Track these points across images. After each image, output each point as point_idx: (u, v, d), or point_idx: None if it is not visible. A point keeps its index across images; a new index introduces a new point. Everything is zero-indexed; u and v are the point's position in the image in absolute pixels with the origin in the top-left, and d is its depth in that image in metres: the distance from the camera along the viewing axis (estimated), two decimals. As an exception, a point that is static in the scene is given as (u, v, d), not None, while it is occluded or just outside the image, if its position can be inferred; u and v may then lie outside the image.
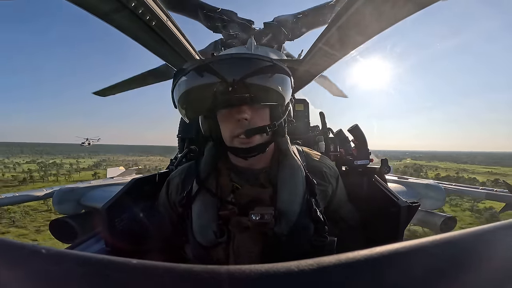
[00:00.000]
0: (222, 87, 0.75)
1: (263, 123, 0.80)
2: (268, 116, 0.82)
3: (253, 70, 0.77)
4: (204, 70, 0.77)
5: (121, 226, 0.99)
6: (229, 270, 0.21)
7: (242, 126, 0.77)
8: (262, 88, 0.78)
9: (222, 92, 0.76)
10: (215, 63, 0.77)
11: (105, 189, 2.91)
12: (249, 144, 0.79)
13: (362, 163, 1.33)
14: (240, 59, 0.78)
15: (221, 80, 0.75)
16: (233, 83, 0.74)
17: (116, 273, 0.21)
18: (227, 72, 0.75)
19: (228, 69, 0.76)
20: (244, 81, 0.75)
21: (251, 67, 0.78)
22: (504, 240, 0.26)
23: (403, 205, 0.91)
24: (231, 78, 0.74)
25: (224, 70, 0.76)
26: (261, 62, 0.79)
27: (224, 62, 0.78)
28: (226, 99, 0.76)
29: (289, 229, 0.77)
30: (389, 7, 1.01)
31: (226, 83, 0.75)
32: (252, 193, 0.83)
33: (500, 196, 3.21)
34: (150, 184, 1.19)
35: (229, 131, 0.80)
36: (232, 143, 0.81)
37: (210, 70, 0.76)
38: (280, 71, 0.82)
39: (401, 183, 3.01)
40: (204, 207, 0.82)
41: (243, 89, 0.75)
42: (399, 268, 0.22)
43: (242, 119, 0.75)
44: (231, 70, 0.76)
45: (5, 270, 0.22)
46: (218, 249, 0.79)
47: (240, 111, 0.76)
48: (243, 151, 0.81)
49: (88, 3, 1.08)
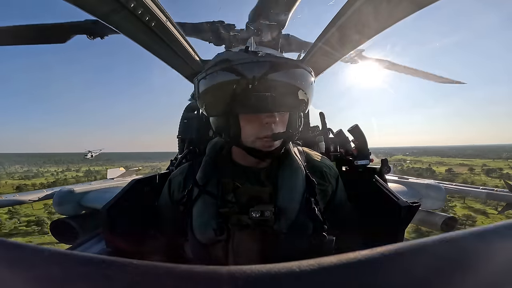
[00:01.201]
0: (251, 89, 0.75)
1: (283, 128, 0.82)
2: (287, 121, 0.85)
3: (289, 75, 0.79)
4: (228, 70, 0.77)
5: (121, 226, 0.99)
6: (230, 271, 0.21)
7: (269, 129, 0.78)
8: (293, 95, 0.81)
9: (257, 98, 0.75)
10: (245, 65, 0.76)
11: (106, 190, 2.91)
12: (271, 147, 0.81)
13: (362, 163, 1.33)
14: (270, 62, 0.77)
15: (247, 79, 0.75)
16: (262, 88, 0.75)
17: (117, 273, 0.21)
18: (250, 72, 0.75)
19: (253, 70, 0.76)
20: (280, 88, 0.76)
21: (294, 74, 0.80)
22: (505, 240, 0.26)
23: (403, 205, 0.91)
24: (254, 76, 0.75)
25: (248, 70, 0.75)
26: (295, 68, 0.82)
27: (257, 65, 0.76)
28: (264, 105, 0.75)
29: (288, 227, 0.77)
30: (389, 6, 1.01)
31: (254, 85, 0.75)
32: (252, 192, 0.83)
33: (500, 196, 3.21)
34: (151, 185, 1.19)
35: (254, 132, 0.79)
36: (253, 144, 0.81)
37: (240, 70, 0.76)
38: (307, 75, 0.84)
39: (402, 183, 3.00)
40: (205, 205, 0.83)
41: (278, 95, 0.76)
42: (400, 268, 0.22)
43: (271, 122, 0.77)
44: (258, 71, 0.75)
45: (5, 271, 0.22)
46: (218, 247, 0.79)
47: (271, 115, 0.77)
48: (263, 153, 0.82)
49: (87, 4, 1.08)
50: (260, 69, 0.75)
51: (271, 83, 0.76)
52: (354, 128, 1.43)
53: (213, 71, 0.79)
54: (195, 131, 1.60)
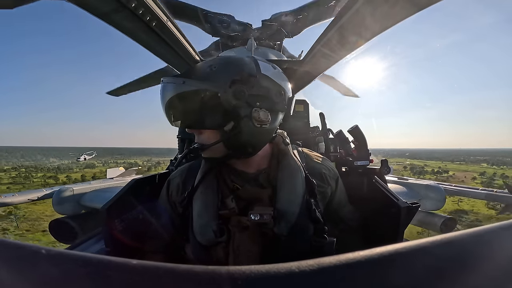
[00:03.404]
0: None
1: (212, 139, 0.80)
2: (211, 133, 0.82)
3: (175, 95, 0.80)
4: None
5: (121, 226, 0.99)
6: (229, 271, 0.21)
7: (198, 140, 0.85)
8: (188, 114, 0.83)
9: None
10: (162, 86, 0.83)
11: (105, 189, 2.90)
12: (206, 156, 0.86)
13: (362, 164, 1.34)
14: (167, 84, 0.82)
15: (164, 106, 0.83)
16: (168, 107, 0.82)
17: (116, 273, 0.21)
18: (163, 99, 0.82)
19: (162, 92, 0.83)
20: (172, 106, 0.82)
21: (174, 92, 0.80)
22: (504, 240, 0.26)
23: (403, 206, 0.91)
24: (166, 102, 0.81)
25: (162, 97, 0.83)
26: (181, 87, 0.78)
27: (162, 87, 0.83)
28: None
29: (288, 230, 0.77)
30: (389, 7, 1.01)
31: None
32: (252, 193, 0.83)
33: (499, 197, 3.21)
34: (150, 184, 1.20)
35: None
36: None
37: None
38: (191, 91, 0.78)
39: (401, 184, 3.00)
40: (205, 207, 0.82)
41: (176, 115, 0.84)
42: (399, 268, 0.22)
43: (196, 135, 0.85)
44: (163, 95, 0.82)
45: (5, 270, 0.22)
46: (218, 248, 0.79)
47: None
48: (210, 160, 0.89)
49: (88, 3, 1.08)
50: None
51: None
52: (354, 129, 1.43)
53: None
54: None
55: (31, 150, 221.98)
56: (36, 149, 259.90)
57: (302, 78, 1.87)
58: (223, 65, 0.78)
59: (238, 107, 0.76)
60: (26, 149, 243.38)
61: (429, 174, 76.13)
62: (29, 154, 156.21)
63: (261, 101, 0.79)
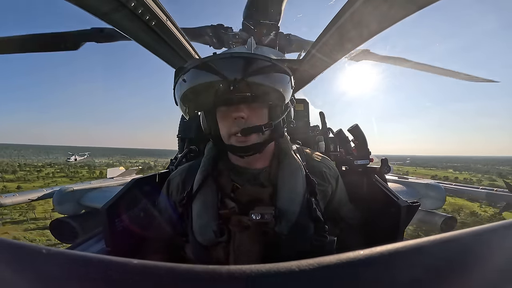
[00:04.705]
0: (223, 86, 0.77)
1: (260, 122, 0.80)
2: (267, 115, 0.83)
3: (253, 69, 0.78)
4: (205, 68, 0.78)
5: (121, 226, 0.99)
6: (229, 270, 0.21)
7: (239, 125, 0.77)
8: (262, 87, 0.79)
9: (222, 90, 0.77)
10: (216, 62, 0.78)
11: (105, 189, 2.91)
12: (246, 142, 0.79)
13: (362, 163, 1.33)
14: (241, 58, 0.79)
15: (222, 78, 0.76)
16: (234, 82, 0.75)
17: (116, 273, 0.21)
18: (228, 71, 0.76)
19: (229, 68, 0.77)
20: (244, 80, 0.76)
21: (252, 66, 0.78)
22: (504, 240, 0.26)
23: (403, 205, 0.91)
24: (232, 77, 0.75)
25: (225, 69, 0.77)
26: (261, 61, 0.80)
27: (225, 61, 0.79)
28: (225, 98, 0.77)
29: (289, 229, 0.77)
30: (389, 7, 1.01)
31: (227, 81, 0.75)
32: (252, 193, 0.83)
33: (500, 196, 3.22)
34: (150, 184, 1.19)
35: (226, 129, 0.81)
36: (229, 141, 0.82)
37: (211, 69, 0.77)
38: (280, 70, 0.83)
39: (401, 183, 3.00)
40: (205, 207, 0.82)
41: (243, 88, 0.76)
42: (399, 267, 0.22)
43: (239, 117, 0.76)
44: (232, 69, 0.77)
45: (5, 270, 0.22)
46: (218, 248, 0.79)
47: (238, 110, 0.77)
48: (239, 149, 0.81)
49: (88, 3, 1.08)
50: (230, 66, 0.79)
51: (237, 77, 0.77)
52: (354, 128, 1.43)
53: (179, 79, 0.83)
54: (195, 130, 1.60)
55: (34, 148, 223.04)
56: (46, 147, 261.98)
57: (302, 78, 1.87)
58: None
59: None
60: (32, 147, 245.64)
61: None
62: (33, 153, 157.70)
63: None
